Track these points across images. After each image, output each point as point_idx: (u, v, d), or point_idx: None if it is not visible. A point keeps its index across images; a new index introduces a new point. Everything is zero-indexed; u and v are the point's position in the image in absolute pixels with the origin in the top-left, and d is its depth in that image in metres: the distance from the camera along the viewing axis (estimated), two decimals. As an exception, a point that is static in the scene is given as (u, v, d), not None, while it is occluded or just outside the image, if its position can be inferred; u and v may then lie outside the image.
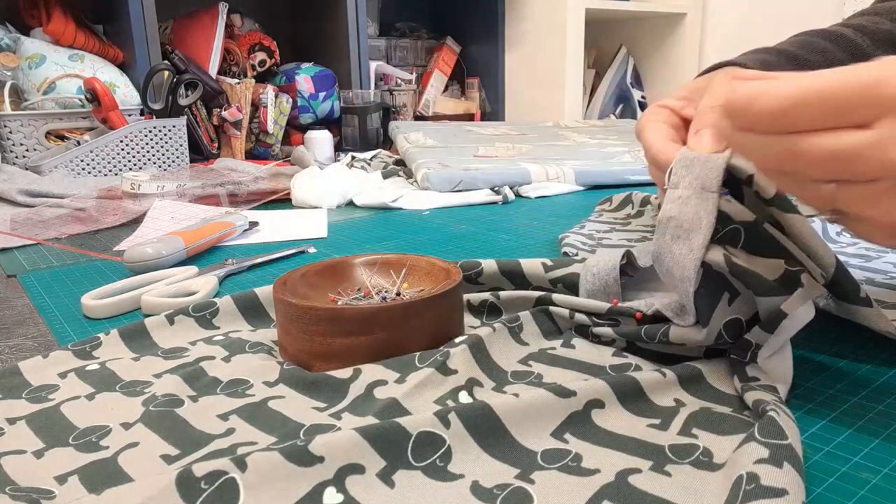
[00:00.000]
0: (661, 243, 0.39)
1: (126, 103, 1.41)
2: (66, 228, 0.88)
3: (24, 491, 0.30)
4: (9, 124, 1.30)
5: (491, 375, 0.40)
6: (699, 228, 0.37)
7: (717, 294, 0.38)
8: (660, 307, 0.43)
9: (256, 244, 0.79)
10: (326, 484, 0.29)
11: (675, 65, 2.12)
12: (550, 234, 0.80)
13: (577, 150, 1.37)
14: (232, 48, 1.65)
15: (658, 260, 0.40)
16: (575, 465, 0.31)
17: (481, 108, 2.13)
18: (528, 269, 0.52)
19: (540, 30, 1.96)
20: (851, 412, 0.36)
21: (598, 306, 0.45)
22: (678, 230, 0.38)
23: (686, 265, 0.38)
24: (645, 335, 0.41)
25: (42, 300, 0.60)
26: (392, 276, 0.50)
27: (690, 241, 0.38)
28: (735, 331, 0.39)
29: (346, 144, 1.69)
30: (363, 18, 1.70)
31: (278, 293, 0.43)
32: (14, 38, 1.42)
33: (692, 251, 0.38)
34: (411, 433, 0.31)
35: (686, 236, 0.38)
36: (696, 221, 0.38)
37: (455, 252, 0.73)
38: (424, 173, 1.09)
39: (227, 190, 1.04)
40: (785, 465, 0.27)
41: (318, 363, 0.41)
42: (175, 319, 0.49)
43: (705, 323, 0.39)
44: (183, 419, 0.36)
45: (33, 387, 0.41)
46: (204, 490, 0.27)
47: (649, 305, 0.44)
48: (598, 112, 2.13)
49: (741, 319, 0.39)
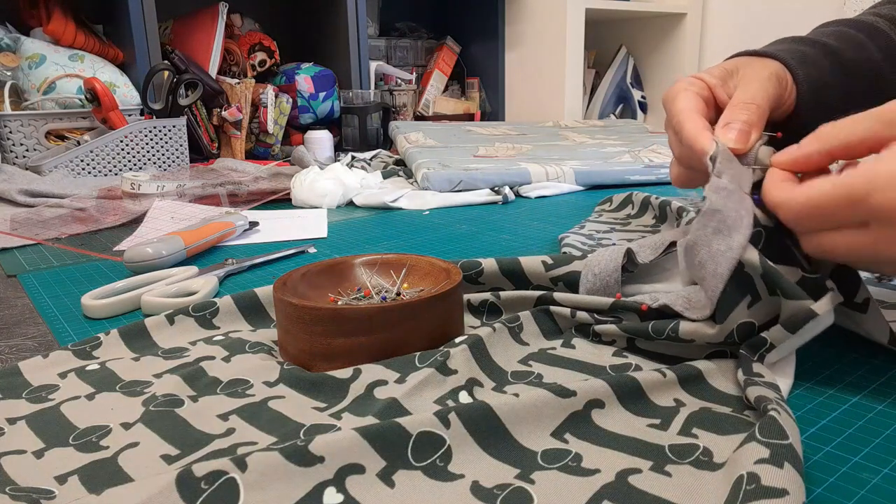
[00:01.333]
0: (701, 235, 0.39)
1: (126, 103, 1.41)
2: (66, 228, 0.88)
3: (24, 491, 0.30)
4: (9, 124, 1.30)
5: (491, 375, 0.40)
6: (740, 228, 0.38)
7: (739, 295, 0.38)
8: (667, 301, 0.43)
9: (256, 244, 0.79)
10: (326, 484, 0.29)
11: (675, 65, 2.12)
12: (550, 234, 0.80)
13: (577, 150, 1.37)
14: (232, 48, 1.65)
15: (692, 249, 0.40)
16: (575, 465, 0.31)
17: (481, 108, 2.13)
18: (528, 268, 0.52)
19: (540, 30, 1.96)
20: (851, 412, 0.36)
21: (601, 302, 0.45)
22: (721, 225, 0.38)
23: (721, 262, 0.38)
24: (652, 331, 0.41)
25: (42, 300, 0.60)
26: (392, 276, 0.50)
27: (731, 238, 0.38)
28: (746, 333, 0.39)
29: (346, 144, 1.69)
30: (363, 18, 1.70)
31: (278, 293, 0.43)
32: (14, 38, 1.42)
33: (731, 249, 0.38)
34: (411, 433, 0.31)
35: (727, 233, 0.38)
36: (737, 220, 0.38)
37: (455, 252, 0.73)
38: (424, 173, 1.09)
39: (227, 190, 1.04)
40: (786, 465, 0.27)
41: (318, 363, 0.41)
42: (175, 319, 0.49)
43: (721, 320, 0.39)
44: (183, 419, 0.36)
45: (33, 387, 0.41)
46: (204, 490, 0.27)
47: (654, 299, 0.44)
48: (598, 112, 2.13)
49: (755, 324, 0.39)
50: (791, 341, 0.38)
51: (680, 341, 0.41)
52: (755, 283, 0.38)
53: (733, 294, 0.38)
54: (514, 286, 0.53)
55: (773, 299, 0.38)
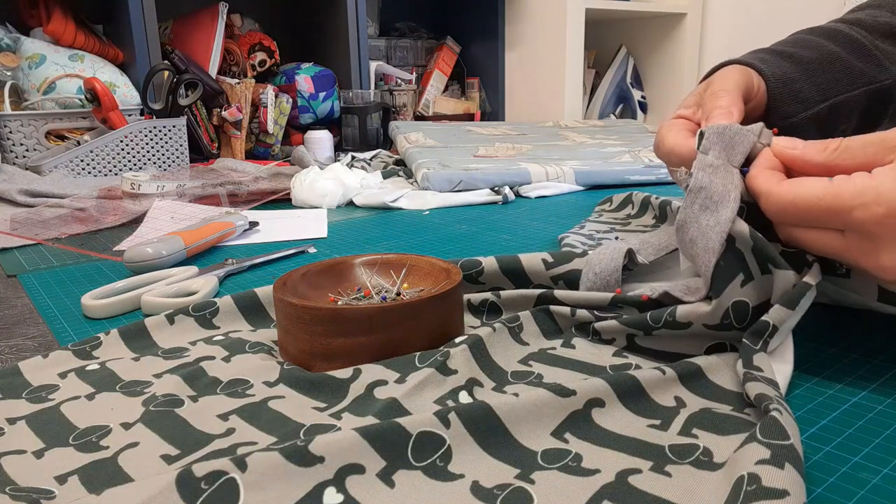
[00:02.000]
0: (689, 213, 0.40)
1: (126, 103, 1.41)
2: (66, 228, 0.88)
3: (24, 491, 0.30)
4: (9, 124, 1.30)
5: (491, 375, 0.40)
6: (727, 202, 0.39)
7: (732, 272, 0.39)
8: (667, 289, 0.43)
9: (256, 244, 0.79)
10: (326, 484, 0.29)
11: (675, 65, 2.12)
12: (550, 234, 0.80)
13: (577, 150, 1.37)
14: (232, 48, 1.65)
15: (682, 228, 0.41)
16: (575, 465, 0.31)
17: (481, 108, 2.13)
18: (528, 266, 0.52)
19: (540, 30, 1.96)
20: (851, 412, 0.36)
21: (601, 297, 0.46)
22: (707, 201, 0.39)
23: (712, 237, 0.39)
24: (651, 319, 0.42)
25: (42, 300, 0.60)
26: (392, 276, 0.50)
27: (718, 213, 0.39)
28: (741, 314, 0.39)
29: (346, 144, 1.69)
30: (363, 18, 1.70)
31: (278, 293, 0.43)
32: (14, 38, 1.42)
33: (718, 224, 0.39)
34: (411, 433, 0.31)
35: (714, 208, 0.39)
36: (724, 194, 0.39)
37: (455, 252, 0.73)
38: (424, 173, 1.09)
39: (227, 190, 1.04)
40: (787, 465, 0.27)
41: (318, 363, 0.41)
42: (175, 319, 0.49)
43: (715, 296, 0.39)
44: (183, 419, 0.36)
45: (33, 387, 0.41)
46: (204, 490, 0.27)
47: (654, 290, 0.44)
48: (598, 112, 2.13)
49: (748, 304, 0.39)
50: (791, 320, 0.38)
51: (678, 327, 0.41)
52: (746, 259, 0.39)
53: (726, 270, 0.39)
54: (515, 285, 0.53)
55: (765, 278, 0.39)
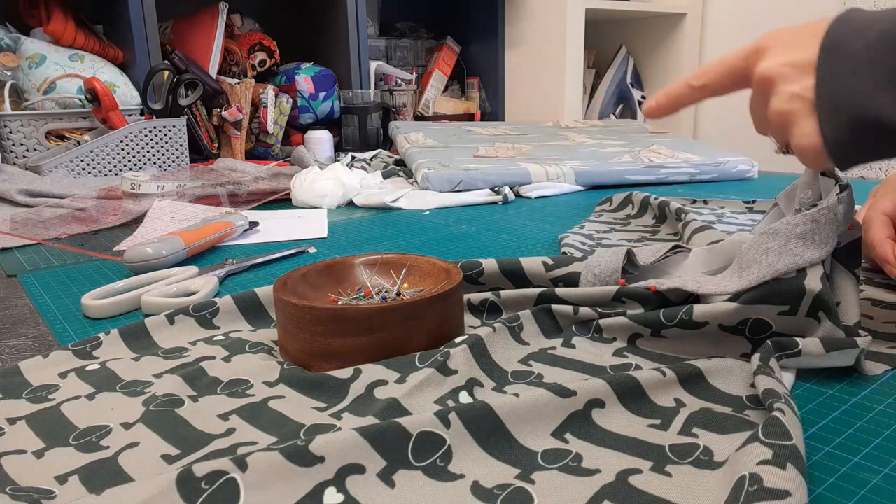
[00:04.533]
0: (787, 229, 0.41)
1: (126, 103, 1.41)
2: (66, 228, 0.88)
3: (25, 491, 0.30)
4: (9, 124, 1.30)
5: (491, 375, 0.40)
6: (820, 250, 0.41)
7: (779, 300, 0.40)
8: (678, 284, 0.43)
9: (256, 244, 0.79)
10: (327, 484, 0.29)
11: (675, 65, 2.12)
12: (550, 234, 0.80)
13: (577, 150, 1.37)
14: (232, 48, 1.65)
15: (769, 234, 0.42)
16: (575, 465, 0.31)
17: (481, 108, 2.13)
18: (528, 269, 0.52)
19: (540, 30, 1.96)
20: (851, 412, 0.36)
21: (605, 291, 0.45)
22: (810, 234, 0.41)
23: (785, 260, 0.41)
24: (664, 318, 0.41)
25: (42, 300, 0.60)
26: (392, 276, 0.50)
27: (807, 249, 0.41)
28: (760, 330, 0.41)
29: (346, 144, 1.69)
30: (363, 18, 1.70)
31: (278, 293, 0.43)
32: (14, 38, 1.42)
33: (800, 257, 0.41)
34: (412, 433, 0.31)
35: (809, 243, 0.41)
36: (824, 243, 0.41)
37: (455, 252, 0.73)
38: (424, 173, 1.09)
39: (228, 190, 1.04)
40: (788, 466, 0.27)
41: (318, 363, 0.41)
42: (175, 319, 0.49)
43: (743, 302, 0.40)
44: (183, 419, 0.36)
45: (33, 387, 0.41)
46: (204, 490, 0.27)
47: (661, 283, 0.44)
48: (598, 112, 2.13)
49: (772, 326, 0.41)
50: (817, 360, 0.39)
51: (692, 326, 0.41)
52: (802, 299, 0.40)
53: (773, 296, 0.40)
54: (515, 287, 0.53)
55: (807, 320, 0.40)
